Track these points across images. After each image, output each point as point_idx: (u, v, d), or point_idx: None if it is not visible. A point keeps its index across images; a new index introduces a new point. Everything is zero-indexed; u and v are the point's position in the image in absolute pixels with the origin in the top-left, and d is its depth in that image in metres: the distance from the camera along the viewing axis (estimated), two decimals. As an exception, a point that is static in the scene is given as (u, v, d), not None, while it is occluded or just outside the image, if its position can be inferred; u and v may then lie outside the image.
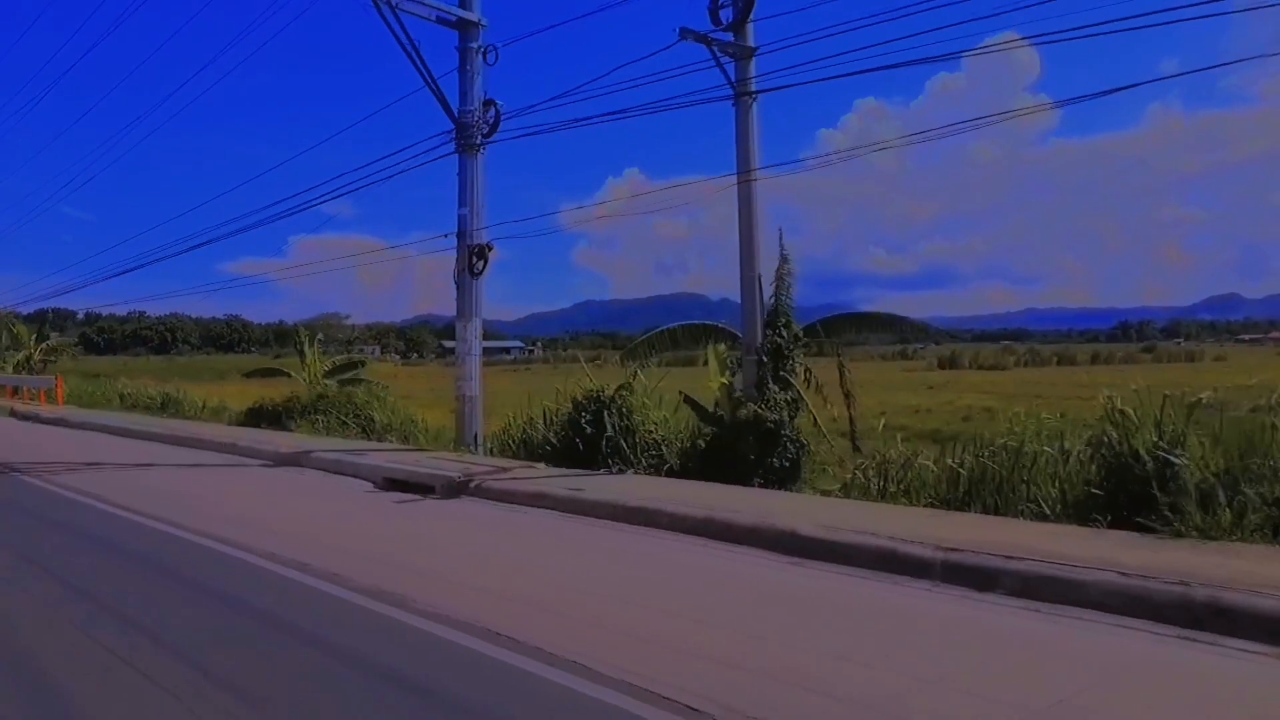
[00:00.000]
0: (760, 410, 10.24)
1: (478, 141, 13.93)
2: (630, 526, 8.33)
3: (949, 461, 8.84)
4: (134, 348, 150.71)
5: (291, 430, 18.07)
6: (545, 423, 13.87)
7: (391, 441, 16.68)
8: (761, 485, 10.11)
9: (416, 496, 10.56)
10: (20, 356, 37.14)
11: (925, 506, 8.73)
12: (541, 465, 11.86)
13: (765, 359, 10.69)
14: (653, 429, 12.81)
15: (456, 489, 10.67)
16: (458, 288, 13.97)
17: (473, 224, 13.90)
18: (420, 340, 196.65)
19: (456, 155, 14.05)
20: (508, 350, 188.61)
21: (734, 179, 11.31)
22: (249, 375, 23.86)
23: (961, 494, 8.74)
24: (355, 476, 12.33)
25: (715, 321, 11.79)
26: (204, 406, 25.30)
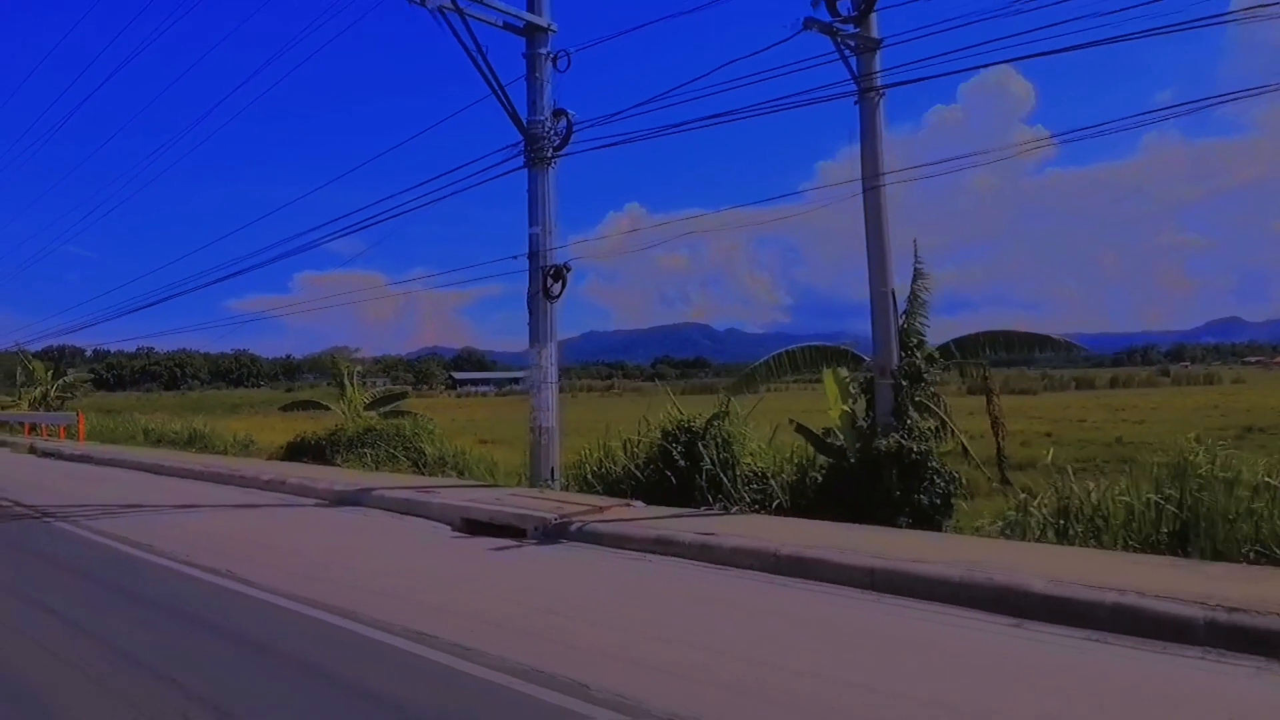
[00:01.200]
0: (904, 440, 8.98)
1: (548, 154, 12.81)
2: (781, 579, 7.06)
3: (1151, 496, 7.56)
4: (144, 383, 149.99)
5: (338, 465, 16.82)
6: (626, 454, 12.64)
7: (449, 476, 15.44)
8: (909, 525, 8.83)
9: (511, 542, 9.29)
10: (37, 393, 36.04)
11: (1127, 550, 7.46)
12: (638, 503, 10.59)
13: (904, 383, 9.45)
14: (750, 461, 11.59)
15: (554, 532, 9.41)
16: (530, 311, 12.78)
17: (545, 243, 12.74)
18: (429, 373, 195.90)
19: (525, 170, 12.93)
20: (516, 381, 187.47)
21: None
22: (286, 409, 22.69)
23: (1166, 535, 7.47)
24: (427, 518, 11.11)
25: (838, 343, 10.58)
26: (234, 441, 24.09)
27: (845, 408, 10.26)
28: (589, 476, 12.77)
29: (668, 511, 10.08)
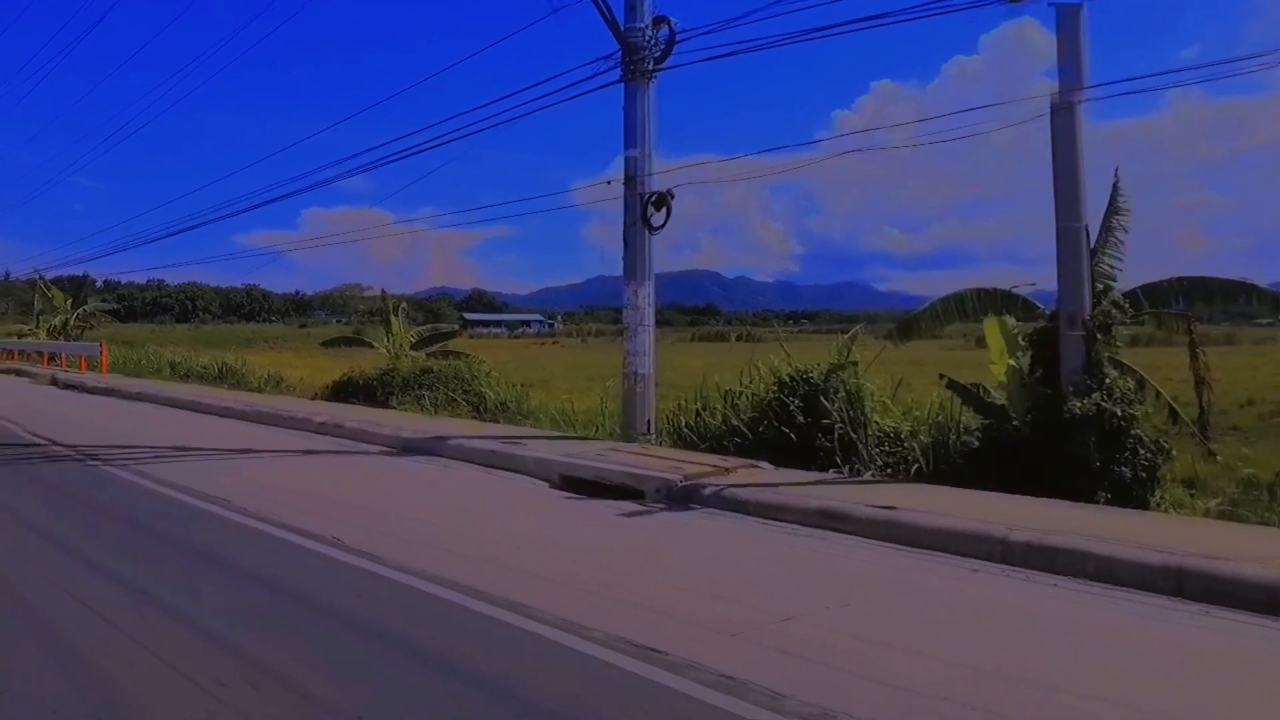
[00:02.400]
0: (1103, 402, 7.63)
1: (648, 67, 11.28)
2: (1014, 571, 5.74)
3: None
4: (156, 315, 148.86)
5: (393, 408, 15.55)
6: (727, 407, 11.35)
7: (520, 424, 14.19)
8: (1107, 501, 7.51)
9: (635, 506, 8.01)
10: (56, 321, 34.76)
11: None
12: (765, 464, 9.30)
13: (1098, 335, 8.06)
14: (879, 419, 10.29)
15: (680, 496, 8.14)
16: (626, 244, 11.36)
17: (644, 167, 11.28)
18: (441, 313, 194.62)
19: (621, 85, 11.42)
20: (528, 324, 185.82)
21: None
22: (327, 345, 21.42)
23: None
24: (518, 473, 9.85)
25: (1008, 287, 9.16)
26: (266, 378, 22.86)
27: (1012, 362, 8.91)
28: (685, 430, 11.48)
29: (806, 476, 8.81)
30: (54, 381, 24.73)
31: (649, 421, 11.24)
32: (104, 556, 6.03)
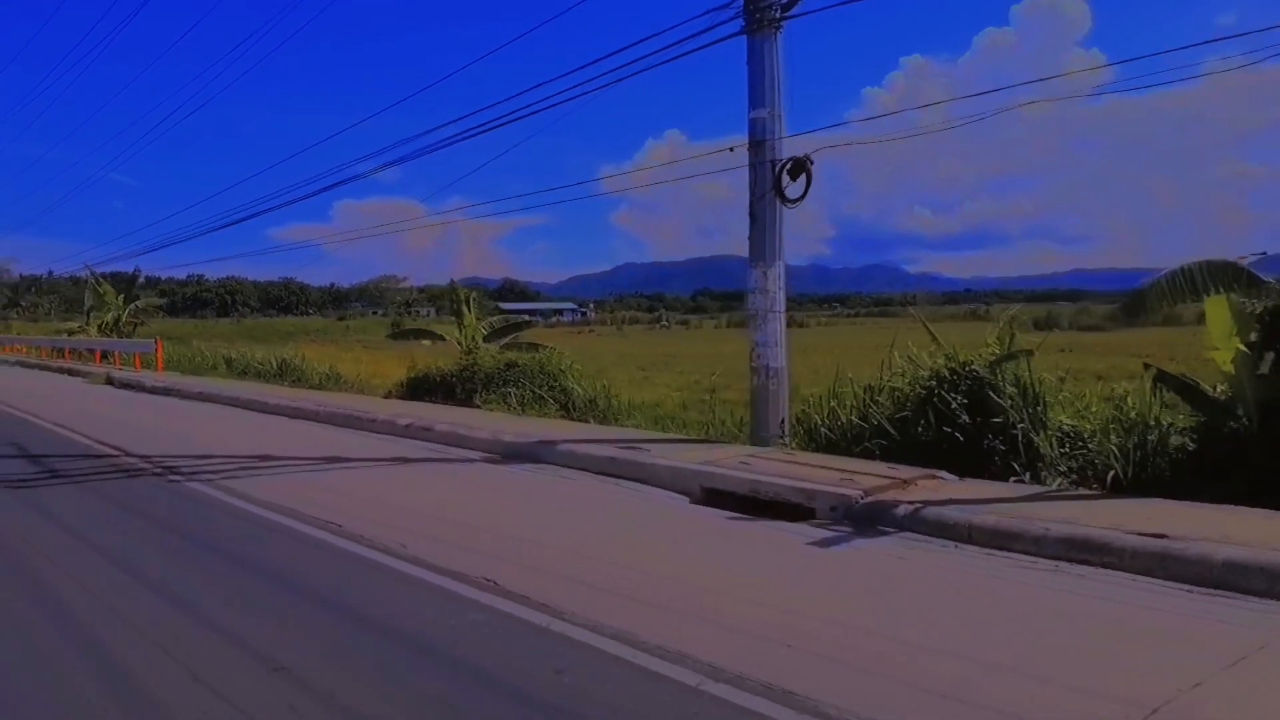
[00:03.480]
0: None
1: (775, 14, 9.98)
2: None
3: None
4: (198, 310, 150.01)
5: (477, 407, 14.43)
6: (867, 402, 10.08)
7: (594, 422, 13.06)
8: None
9: (821, 531, 6.75)
10: (108, 317, 34.12)
11: None
12: (946, 475, 8.01)
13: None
14: (1060, 417, 8.98)
15: (863, 516, 6.89)
16: (753, 220, 10.08)
17: (775, 130, 9.99)
18: (476, 302, 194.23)
19: (744, 38, 10.14)
20: (560, 312, 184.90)
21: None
22: (395, 337, 20.38)
23: None
24: (644, 483, 8.65)
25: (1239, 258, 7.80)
26: (327, 375, 21.90)
27: (1242, 347, 7.53)
28: (822, 431, 10.21)
29: (999, 490, 7.54)
30: (109, 381, 23.98)
31: (783, 422, 9.99)
32: (219, 610, 4.89)
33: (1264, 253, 7.57)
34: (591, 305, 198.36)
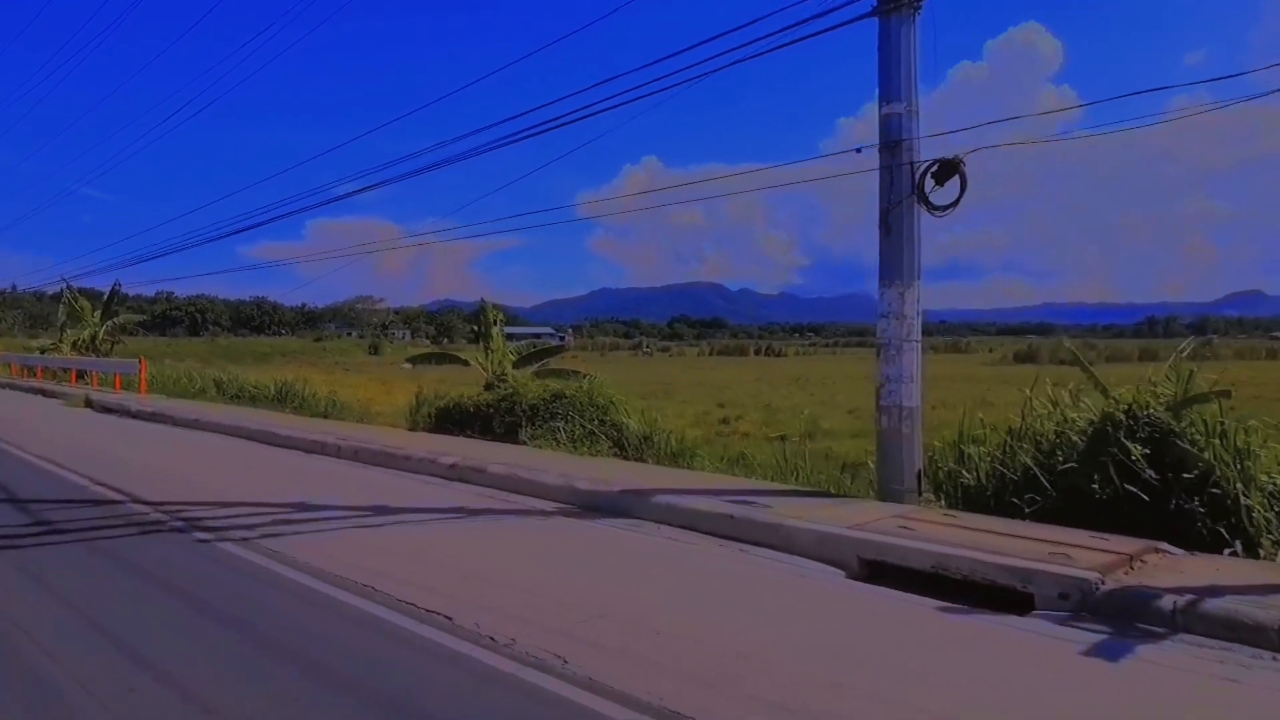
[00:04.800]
0: None
1: (912, -5, 8.59)
2: None
3: None
4: (168, 328, 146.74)
5: (523, 443, 12.80)
6: (1004, 451, 8.63)
7: (652, 462, 11.53)
8: None
9: (1079, 633, 5.21)
10: (85, 335, 32.00)
11: None
12: (1170, 547, 6.50)
13: None
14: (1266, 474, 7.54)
15: (1112, 607, 5.37)
16: (886, 231, 8.61)
17: (913, 128, 8.55)
18: (451, 325, 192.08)
19: (875, 19, 8.73)
20: (539, 337, 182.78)
21: None
22: (414, 361, 18.64)
23: None
24: (777, 549, 7.10)
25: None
26: (331, 401, 20.15)
27: None
28: (962, 484, 8.72)
29: (1255, 572, 6.05)
30: (89, 404, 22.05)
31: (919, 473, 8.47)
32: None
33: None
34: (570, 330, 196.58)
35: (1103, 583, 5.55)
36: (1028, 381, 9.57)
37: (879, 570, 6.55)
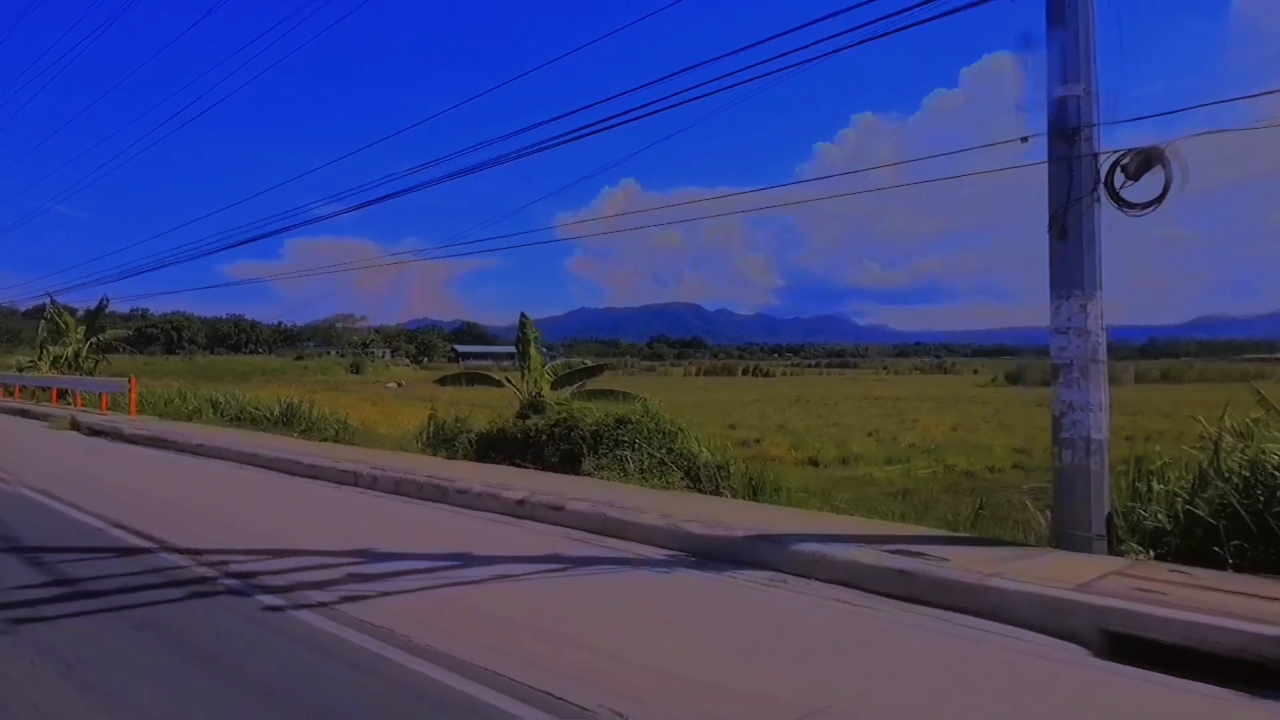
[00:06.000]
0: None
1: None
2: None
3: None
4: (144, 346, 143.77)
5: (587, 474, 11.40)
6: (1194, 489, 7.42)
7: (729, 496, 10.20)
8: None
9: None
10: (69, 351, 30.13)
11: None
12: None
13: None
14: None
15: None
16: (1061, 234, 7.34)
17: (1093, 112, 7.32)
18: (431, 344, 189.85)
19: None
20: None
21: None
22: (445, 383, 17.09)
23: None
24: (972, 613, 5.78)
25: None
26: (341, 423, 18.62)
27: None
28: (1122, 524, 7.45)
29: None
30: (75, 425, 20.35)
31: (1109, 517, 7.16)
32: None
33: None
34: (548, 349, 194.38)
35: None
36: (1040, 402, 8.25)
37: (1122, 645, 5.23)
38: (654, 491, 10.29)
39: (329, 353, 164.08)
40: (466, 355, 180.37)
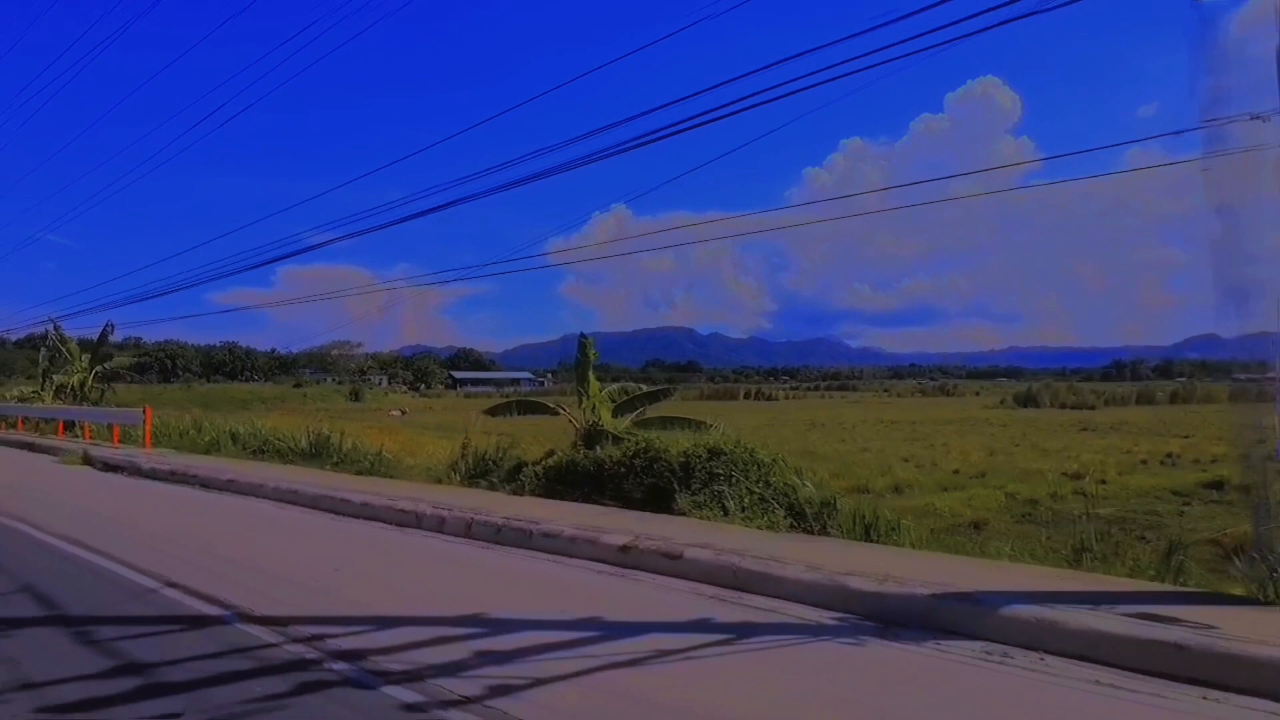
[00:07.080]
0: None
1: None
2: None
3: None
4: (141, 374, 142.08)
5: (683, 513, 10.13)
6: None
7: (842, 536, 8.96)
8: None
9: None
10: (74, 380, 28.77)
11: None
12: None
13: None
14: None
15: None
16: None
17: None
18: (427, 371, 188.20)
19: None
20: (517, 382, 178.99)
21: None
22: (493, 412, 15.79)
23: None
24: (1268, 698, 4.54)
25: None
26: (377, 456, 17.30)
27: None
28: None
29: None
30: (88, 460, 19.00)
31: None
32: None
33: None
34: (549, 375, 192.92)
35: None
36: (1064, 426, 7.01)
37: None
38: (763, 534, 9.05)
39: (326, 380, 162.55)
40: (464, 382, 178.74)
